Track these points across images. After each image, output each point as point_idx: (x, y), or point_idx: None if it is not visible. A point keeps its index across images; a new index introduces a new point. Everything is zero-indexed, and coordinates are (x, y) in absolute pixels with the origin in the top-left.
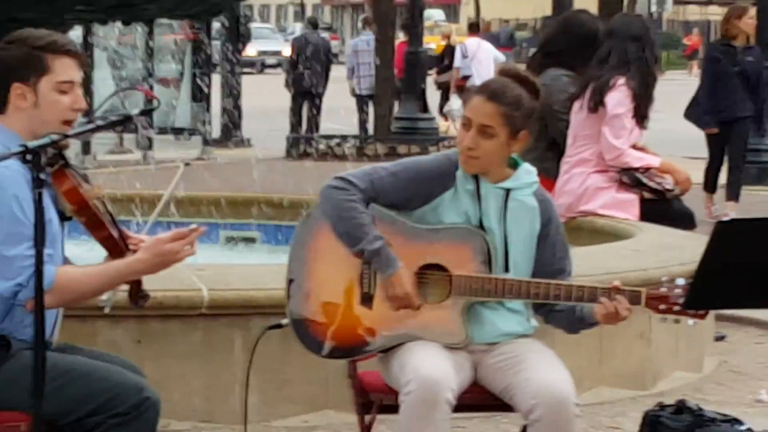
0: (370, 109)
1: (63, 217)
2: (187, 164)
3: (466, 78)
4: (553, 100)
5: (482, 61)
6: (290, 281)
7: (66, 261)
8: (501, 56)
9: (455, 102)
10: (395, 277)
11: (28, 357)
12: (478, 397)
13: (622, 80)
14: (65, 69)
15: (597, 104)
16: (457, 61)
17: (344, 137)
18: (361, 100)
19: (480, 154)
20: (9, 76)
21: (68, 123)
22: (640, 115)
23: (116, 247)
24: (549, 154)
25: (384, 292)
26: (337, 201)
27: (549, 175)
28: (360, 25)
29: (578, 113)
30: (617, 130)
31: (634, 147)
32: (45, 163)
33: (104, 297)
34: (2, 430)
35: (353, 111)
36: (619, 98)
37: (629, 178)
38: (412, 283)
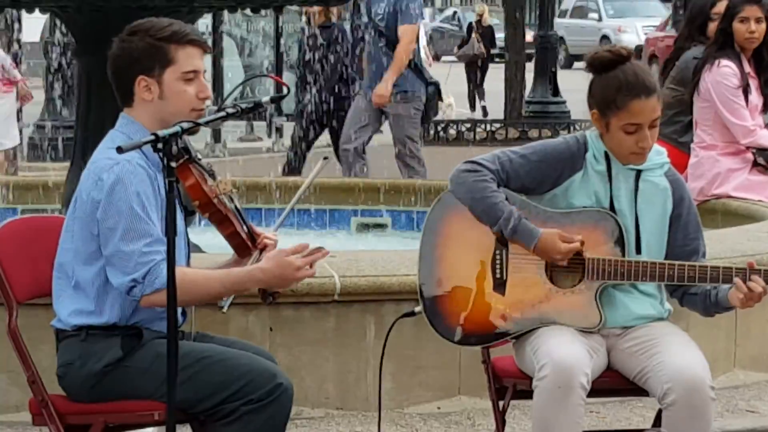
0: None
1: (188, 212)
2: (325, 158)
3: None
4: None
5: None
6: (421, 285)
7: (196, 249)
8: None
9: None
10: (542, 243)
11: (160, 346)
12: (613, 382)
13: (724, 61)
14: (189, 59)
15: (695, 89)
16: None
17: (475, 122)
18: None
19: (653, 143)
20: (133, 68)
21: (197, 111)
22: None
23: (242, 244)
24: (689, 128)
25: (516, 277)
26: (469, 183)
27: (688, 150)
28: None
29: (695, 99)
30: (733, 110)
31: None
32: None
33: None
34: (137, 418)
35: None
36: (716, 79)
37: (766, 160)
38: (559, 235)
